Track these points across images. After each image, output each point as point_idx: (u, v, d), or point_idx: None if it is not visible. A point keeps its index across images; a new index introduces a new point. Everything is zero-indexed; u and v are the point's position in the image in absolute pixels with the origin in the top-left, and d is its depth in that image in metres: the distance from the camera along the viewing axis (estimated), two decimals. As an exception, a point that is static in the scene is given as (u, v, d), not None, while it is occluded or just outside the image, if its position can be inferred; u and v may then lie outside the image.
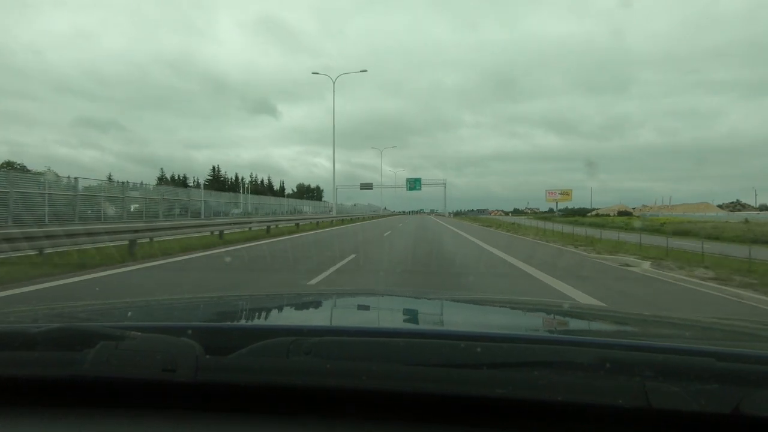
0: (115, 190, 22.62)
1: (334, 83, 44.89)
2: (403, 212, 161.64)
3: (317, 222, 35.68)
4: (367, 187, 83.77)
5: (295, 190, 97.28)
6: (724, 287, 8.17)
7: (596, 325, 1.57)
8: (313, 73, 48.87)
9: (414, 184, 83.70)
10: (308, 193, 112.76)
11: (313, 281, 8.14)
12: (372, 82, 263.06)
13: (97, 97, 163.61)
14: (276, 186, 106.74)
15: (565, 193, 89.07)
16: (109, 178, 46.10)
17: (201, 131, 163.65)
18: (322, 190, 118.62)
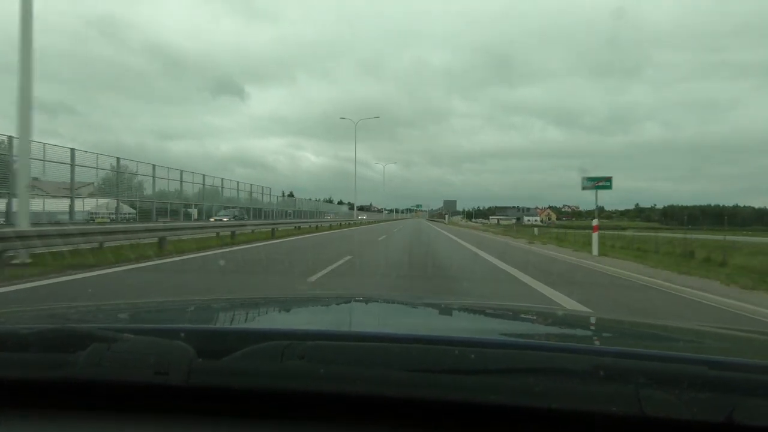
0: None
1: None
2: (395, 212, 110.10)
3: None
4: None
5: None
6: None
7: (591, 332, 1.58)
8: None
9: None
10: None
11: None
12: (349, 58, 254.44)
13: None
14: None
15: None
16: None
17: (167, 119, 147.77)
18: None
